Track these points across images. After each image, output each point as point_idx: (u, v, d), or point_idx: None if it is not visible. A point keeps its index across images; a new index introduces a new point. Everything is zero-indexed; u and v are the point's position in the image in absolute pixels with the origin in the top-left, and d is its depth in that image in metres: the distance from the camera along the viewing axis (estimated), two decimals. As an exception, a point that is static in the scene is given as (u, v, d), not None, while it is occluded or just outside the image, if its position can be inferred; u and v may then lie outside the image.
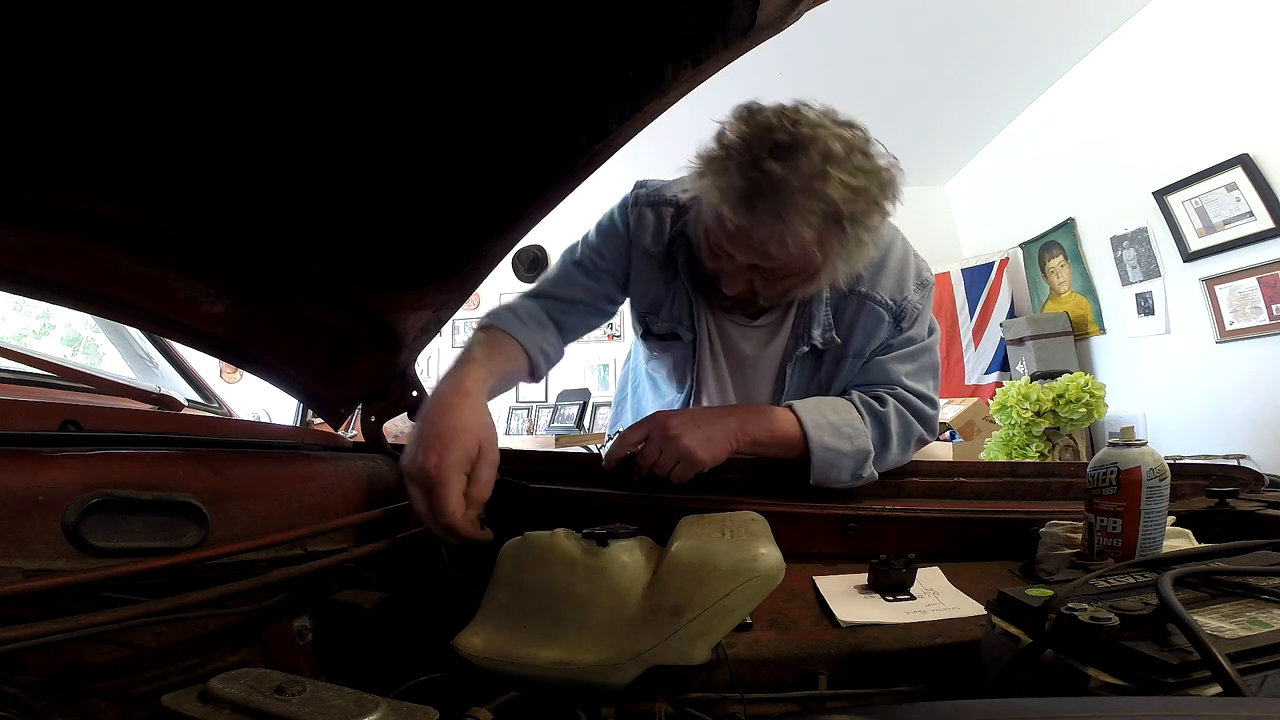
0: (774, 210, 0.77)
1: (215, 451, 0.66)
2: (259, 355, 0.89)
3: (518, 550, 0.62)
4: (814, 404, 0.98)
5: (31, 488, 0.48)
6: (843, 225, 0.80)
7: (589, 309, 1.10)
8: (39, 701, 0.42)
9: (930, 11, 3.10)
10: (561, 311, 1.07)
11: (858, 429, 0.95)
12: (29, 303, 4.92)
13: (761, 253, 0.84)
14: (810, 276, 0.89)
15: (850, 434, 0.94)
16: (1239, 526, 0.89)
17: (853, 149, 0.81)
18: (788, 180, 0.77)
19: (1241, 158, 2.62)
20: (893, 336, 1.02)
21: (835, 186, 0.78)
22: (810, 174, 0.77)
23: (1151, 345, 3.22)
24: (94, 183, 0.59)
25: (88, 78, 0.49)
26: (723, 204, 0.81)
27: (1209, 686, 0.41)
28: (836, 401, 1.00)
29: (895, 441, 0.98)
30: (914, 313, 1.02)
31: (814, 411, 0.96)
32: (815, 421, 0.94)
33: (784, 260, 0.84)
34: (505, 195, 0.71)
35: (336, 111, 0.58)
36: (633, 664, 0.54)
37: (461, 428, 0.72)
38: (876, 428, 0.97)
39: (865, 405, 0.99)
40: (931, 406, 1.03)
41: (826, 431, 0.94)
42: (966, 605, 0.71)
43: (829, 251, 0.84)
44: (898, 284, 1.01)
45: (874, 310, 1.00)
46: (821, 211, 0.78)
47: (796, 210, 0.77)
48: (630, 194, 1.07)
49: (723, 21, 0.55)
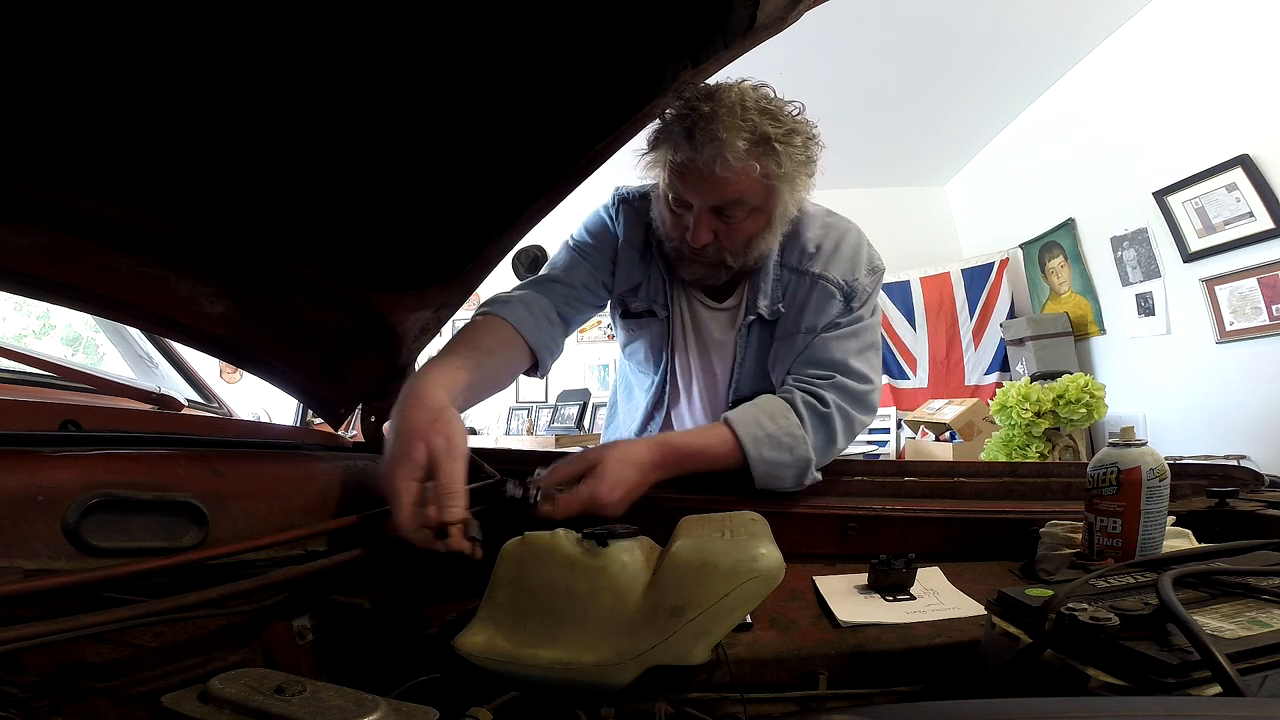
0: (710, 133, 0.90)
1: (215, 451, 0.66)
2: (259, 355, 0.89)
3: (518, 550, 0.62)
4: (751, 415, 0.96)
5: (31, 488, 0.48)
6: (771, 144, 0.93)
7: (589, 294, 1.14)
8: (39, 701, 0.42)
9: (930, 12, 3.10)
10: (566, 301, 1.09)
11: (797, 437, 0.95)
12: (29, 303, 4.92)
13: (711, 180, 0.94)
14: (764, 213, 1.00)
15: (790, 444, 0.94)
16: (1239, 526, 0.89)
17: (762, 93, 0.97)
18: (715, 110, 0.91)
19: (1241, 158, 2.62)
20: (843, 316, 1.08)
21: (754, 112, 0.93)
22: (731, 104, 0.92)
23: (1151, 345, 3.22)
24: (95, 183, 0.59)
25: (89, 78, 0.49)
26: (674, 153, 0.95)
27: (1209, 686, 0.41)
28: (774, 406, 0.98)
29: (840, 438, 1.01)
30: (864, 294, 1.09)
31: (751, 424, 0.95)
32: (753, 435, 0.94)
33: (733, 183, 0.94)
34: (505, 195, 0.71)
35: (337, 112, 0.58)
36: (633, 664, 0.54)
37: (407, 431, 0.69)
38: (821, 429, 0.98)
39: (808, 408, 0.98)
40: (869, 384, 1.05)
41: (765, 444, 0.93)
42: (966, 605, 0.71)
43: (769, 172, 0.95)
44: (850, 267, 1.09)
45: (826, 289, 1.07)
46: (749, 129, 0.92)
47: (727, 129, 0.90)
48: (612, 196, 1.18)
49: (723, 21, 0.55)
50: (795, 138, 0.96)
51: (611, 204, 1.17)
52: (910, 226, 4.78)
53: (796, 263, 1.09)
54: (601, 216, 1.18)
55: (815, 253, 1.09)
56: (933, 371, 4.56)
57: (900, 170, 4.74)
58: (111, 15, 0.45)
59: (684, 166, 0.95)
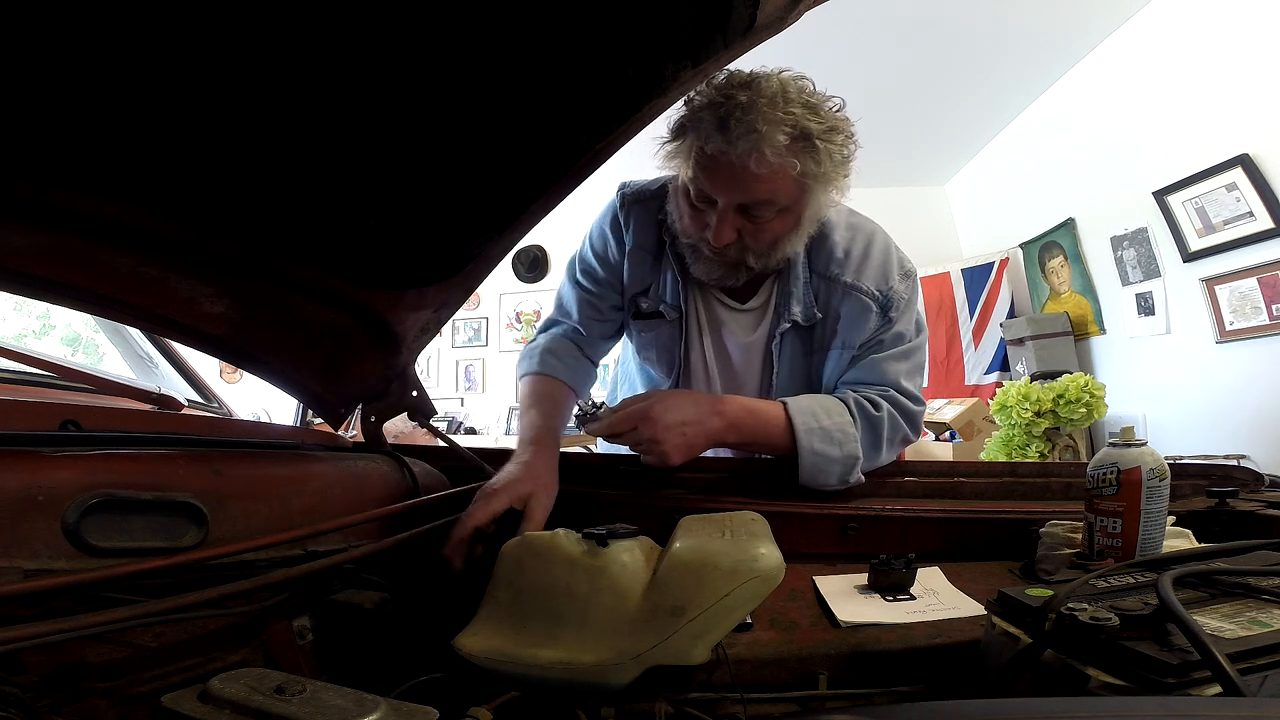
0: (748, 124, 0.84)
1: (215, 451, 0.66)
2: (259, 355, 0.89)
3: (518, 550, 0.62)
4: (808, 405, 0.98)
5: (31, 488, 0.48)
6: (812, 141, 0.87)
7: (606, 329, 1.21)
8: (39, 701, 0.42)
9: (930, 12, 3.10)
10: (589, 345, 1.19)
11: (848, 434, 0.95)
12: (29, 303, 4.92)
13: (743, 177, 0.88)
14: (794, 214, 0.94)
15: (840, 439, 0.95)
16: (1239, 526, 0.89)
17: (803, 84, 0.91)
18: (754, 100, 0.85)
19: (1241, 158, 2.62)
20: (882, 328, 1.03)
21: (796, 105, 0.86)
22: (772, 94, 0.86)
23: (1151, 345, 3.22)
24: (95, 183, 0.59)
25: (89, 78, 0.49)
26: (705, 143, 0.88)
27: (1209, 686, 0.41)
28: (830, 403, 0.99)
29: (885, 445, 0.99)
30: (900, 302, 1.03)
31: (807, 414, 0.96)
32: (807, 425, 0.95)
33: (766, 181, 0.88)
34: (505, 195, 0.71)
35: (337, 111, 0.58)
36: (633, 664, 0.54)
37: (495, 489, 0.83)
38: (869, 431, 0.98)
39: (860, 409, 0.99)
40: (919, 405, 1.04)
41: (817, 436, 0.94)
42: (966, 605, 0.71)
43: (804, 169, 0.88)
44: (882, 274, 1.03)
45: (860, 300, 1.02)
46: (790, 123, 0.85)
47: (767, 121, 0.84)
48: (616, 197, 1.13)
49: (723, 21, 0.55)
50: (836, 135, 0.90)
51: (620, 206, 1.11)
52: (910, 226, 4.76)
53: (825, 269, 1.03)
54: (605, 231, 1.13)
55: (844, 259, 1.03)
56: (933, 371, 4.56)
57: (900, 170, 4.74)
58: (111, 14, 0.45)
59: (713, 160, 0.88)
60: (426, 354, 1.13)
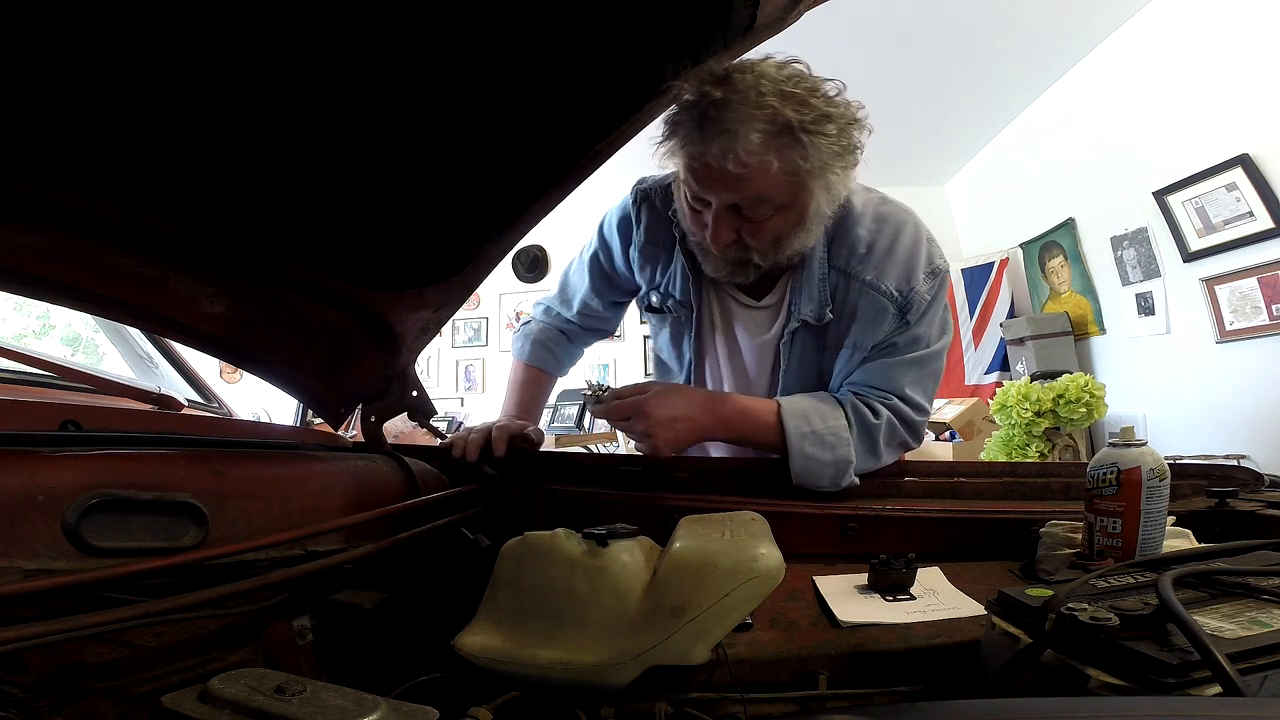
0: (720, 125, 0.80)
1: (215, 451, 0.66)
2: (259, 355, 0.89)
3: (518, 550, 0.62)
4: (802, 407, 0.97)
5: (31, 488, 0.48)
6: (795, 134, 0.82)
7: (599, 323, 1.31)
8: (39, 701, 0.42)
9: (930, 11, 3.10)
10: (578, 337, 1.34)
11: (841, 438, 0.95)
12: (29, 303, 4.92)
13: (725, 177, 0.84)
14: (795, 210, 0.89)
15: (833, 443, 0.94)
16: (1239, 526, 0.89)
17: (788, 73, 0.85)
18: (728, 98, 0.80)
19: (1241, 158, 2.62)
20: (898, 329, 0.98)
21: (773, 95, 0.80)
22: (747, 87, 0.80)
23: (1151, 345, 3.22)
24: (95, 183, 0.59)
25: (89, 78, 0.49)
26: (685, 145, 0.85)
27: (1209, 686, 0.41)
28: (827, 406, 0.98)
29: (881, 451, 0.99)
30: (921, 304, 0.97)
31: (800, 416, 0.95)
32: (799, 429, 0.94)
33: (749, 180, 0.84)
34: (505, 195, 0.71)
35: (337, 111, 0.58)
36: (633, 664, 0.54)
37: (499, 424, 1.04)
38: (864, 437, 0.97)
39: (857, 414, 0.97)
40: (923, 414, 1.02)
41: (809, 439, 0.94)
42: (966, 605, 0.71)
43: (792, 167, 0.84)
44: (905, 273, 0.97)
45: (877, 300, 0.97)
46: (766, 118, 0.80)
47: (740, 119, 0.79)
48: (631, 192, 1.12)
49: (723, 21, 0.55)
50: (828, 124, 0.83)
51: (633, 201, 1.11)
52: (910, 226, 4.78)
53: (845, 264, 0.98)
54: (615, 226, 1.14)
55: (866, 253, 0.97)
56: (934, 371, 4.56)
57: (900, 170, 4.74)
58: (112, 14, 0.45)
59: (695, 162, 0.85)
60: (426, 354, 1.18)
